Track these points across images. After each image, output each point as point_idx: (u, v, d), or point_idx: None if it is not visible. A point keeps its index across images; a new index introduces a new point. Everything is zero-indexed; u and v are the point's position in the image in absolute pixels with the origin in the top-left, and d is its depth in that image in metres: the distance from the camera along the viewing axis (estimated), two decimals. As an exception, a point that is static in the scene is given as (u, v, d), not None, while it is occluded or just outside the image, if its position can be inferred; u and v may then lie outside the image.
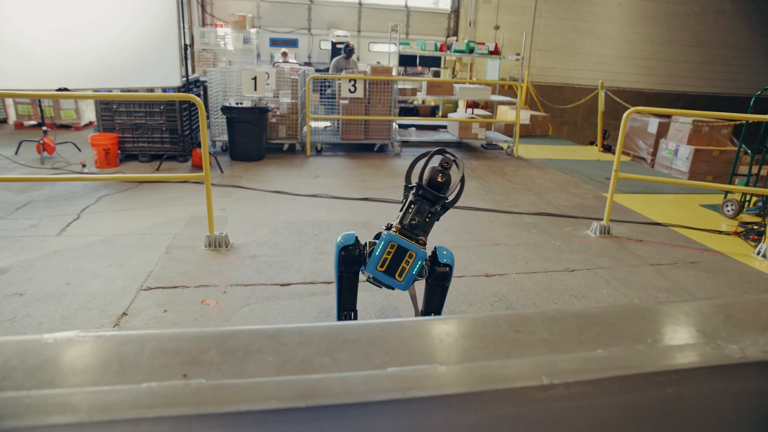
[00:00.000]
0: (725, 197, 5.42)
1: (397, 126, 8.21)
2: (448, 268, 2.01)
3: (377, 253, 1.88)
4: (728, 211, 5.24)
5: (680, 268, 3.85)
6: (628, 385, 0.70)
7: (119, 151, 6.17)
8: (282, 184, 5.79)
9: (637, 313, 0.94)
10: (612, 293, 3.37)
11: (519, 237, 4.41)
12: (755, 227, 4.72)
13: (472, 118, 8.67)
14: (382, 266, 1.88)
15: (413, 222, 1.99)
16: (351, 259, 1.96)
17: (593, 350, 0.80)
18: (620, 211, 5.26)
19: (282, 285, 3.31)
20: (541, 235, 4.47)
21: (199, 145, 6.50)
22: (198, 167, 6.19)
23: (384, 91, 7.62)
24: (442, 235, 4.39)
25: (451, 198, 2.06)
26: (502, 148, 8.81)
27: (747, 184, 5.24)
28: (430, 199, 2.04)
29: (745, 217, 5.22)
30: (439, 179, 2.02)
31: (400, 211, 2.07)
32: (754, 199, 5.38)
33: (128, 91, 5.97)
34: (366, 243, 2.02)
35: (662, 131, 9.27)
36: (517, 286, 3.44)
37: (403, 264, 1.88)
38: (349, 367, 0.68)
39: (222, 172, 6.14)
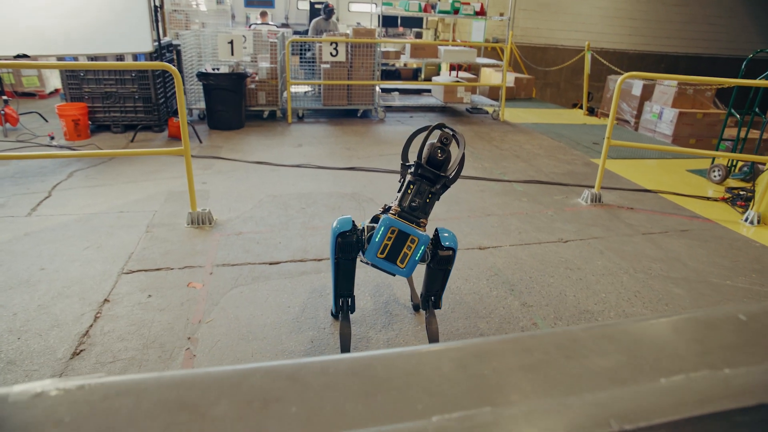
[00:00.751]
0: (712, 162, 5.42)
1: (379, 90, 7.96)
2: (451, 252, 1.92)
3: (377, 240, 1.77)
4: (715, 176, 5.25)
5: (672, 236, 3.84)
6: (707, 429, 0.61)
7: (90, 122, 5.85)
8: (264, 154, 5.58)
9: (688, 325, 0.85)
10: (606, 264, 3.34)
11: (510, 206, 4.35)
12: (742, 193, 4.73)
13: (457, 81, 8.45)
14: (382, 253, 1.77)
15: (413, 204, 1.87)
16: (348, 246, 1.85)
17: (656, 380, 0.71)
18: (609, 177, 5.22)
19: (271, 264, 3.19)
20: (533, 204, 4.41)
21: (175, 114, 6.20)
22: (175, 137, 5.92)
23: (367, 54, 7.34)
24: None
25: (451, 176, 1.95)
26: (487, 113, 8.66)
27: (735, 149, 5.24)
28: (430, 178, 1.92)
29: (732, 182, 5.24)
30: (439, 156, 1.90)
31: (398, 192, 1.95)
32: (740, 164, 5.39)
33: (95, 57, 5.59)
34: (364, 227, 1.90)
35: (646, 94, 9.21)
36: (512, 258, 3.38)
37: (404, 250, 1.78)
38: (388, 416, 0.57)
39: (201, 142, 5.88)
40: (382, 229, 1.76)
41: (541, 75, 12.99)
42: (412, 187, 1.89)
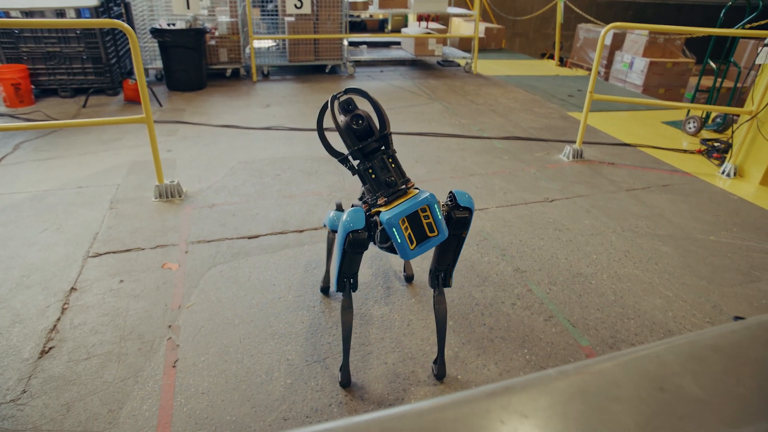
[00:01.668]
0: (687, 113, 5.42)
1: (347, 44, 7.57)
2: (468, 213, 1.78)
3: (400, 241, 1.64)
4: (690, 128, 5.26)
5: (654, 192, 3.84)
6: None
7: (33, 86, 5.33)
8: (231, 116, 5.25)
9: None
10: (594, 224, 3.30)
11: (492, 165, 4.24)
12: (717, 145, 4.76)
13: (428, 33, 8.12)
14: (412, 243, 1.66)
15: (389, 180, 1.73)
16: (359, 242, 1.71)
17: (768, 417, 0.60)
18: (587, 131, 5.16)
19: (250, 238, 3.01)
20: (515, 162, 4.32)
21: (130, 75, 5.74)
22: (132, 101, 5.49)
23: (333, 5, 6.90)
24: (413, 166, 4.14)
25: (387, 129, 1.82)
26: (459, 65, 8.41)
27: (710, 100, 5.24)
28: (375, 149, 1.78)
29: (706, 134, 5.27)
30: (360, 124, 1.76)
31: (365, 185, 1.81)
32: (713, 115, 5.41)
33: (31, 12, 5.02)
34: (375, 221, 1.76)
35: (617, 43, 9.11)
36: (500, 221, 3.30)
37: (424, 222, 1.66)
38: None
39: (161, 105, 5.47)
40: (394, 230, 1.63)
41: (510, 24, 12.68)
42: (371, 171, 1.75)
